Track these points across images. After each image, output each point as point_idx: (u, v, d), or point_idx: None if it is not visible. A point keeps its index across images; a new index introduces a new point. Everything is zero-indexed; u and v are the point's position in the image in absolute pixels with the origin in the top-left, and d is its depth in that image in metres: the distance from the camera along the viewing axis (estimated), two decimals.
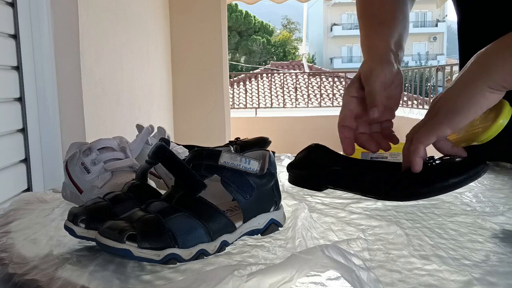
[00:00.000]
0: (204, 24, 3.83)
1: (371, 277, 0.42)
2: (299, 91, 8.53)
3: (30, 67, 1.54)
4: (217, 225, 0.52)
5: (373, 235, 0.58)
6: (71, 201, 0.75)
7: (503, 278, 0.45)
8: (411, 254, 0.51)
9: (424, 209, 0.69)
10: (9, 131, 1.44)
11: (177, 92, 3.82)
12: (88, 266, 0.49)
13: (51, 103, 1.59)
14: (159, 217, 0.50)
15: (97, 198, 0.59)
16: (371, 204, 0.72)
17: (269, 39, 27.77)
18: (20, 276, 0.47)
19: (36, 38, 1.54)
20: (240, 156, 0.54)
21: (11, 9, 1.47)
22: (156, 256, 0.48)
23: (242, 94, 10.11)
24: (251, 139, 1.11)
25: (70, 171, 0.74)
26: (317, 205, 0.72)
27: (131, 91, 2.50)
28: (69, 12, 1.66)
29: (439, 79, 5.72)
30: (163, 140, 0.60)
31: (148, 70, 2.97)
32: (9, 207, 0.75)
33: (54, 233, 0.61)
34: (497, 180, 0.88)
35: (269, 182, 0.58)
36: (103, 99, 1.98)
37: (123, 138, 0.78)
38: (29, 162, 1.54)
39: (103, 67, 2.00)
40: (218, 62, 3.89)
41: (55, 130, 1.60)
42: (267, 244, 0.55)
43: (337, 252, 0.44)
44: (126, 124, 2.29)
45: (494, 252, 0.52)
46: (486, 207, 0.70)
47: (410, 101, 6.76)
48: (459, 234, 0.58)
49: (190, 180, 0.53)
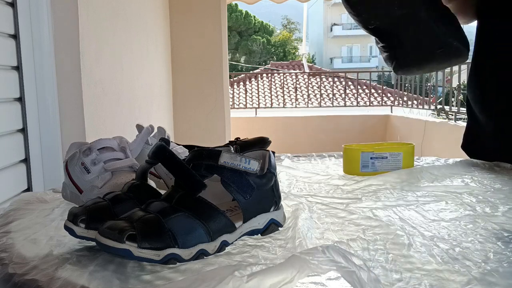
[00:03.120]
0: (204, 24, 3.83)
1: (371, 277, 0.42)
2: (299, 91, 8.52)
3: (30, 67, 1.53)
4: (217, 225, 0.52)
5: (373, 235, 0.58)
6: (71, 201, 0.75)
7: (503, 278, 0.45)
8: (411, 254, 0.51)
9: (424, 209, 0.69)
10: (9, 131, 1.44)
11: (177, 92, 3.81)
12: (88, 266, 0.49)
13: (51, 103, 1.59)
14: (159, 217, 0.50)
15: (97, 198, 0.59)
16: (371, 204, 0.72)
17: (269, 39, 27.76)
18: (20, 276, 0.47)
19: (36, 38, 1.54)
20: (240, 156, 0.54)
21: (11, 9, 1.47)
22: (156, 256, 0.48)
23: (242, 94, 10.11)
24: (251, 139, 1.11)
25: (70, 171, 0.74)
26: (317, 205, 0.72)
27: (131, 91, 2.50)
28: (69, 12, 1.66)
29: (439, 79, 5.72)
30: (163, 140, 0.60)
31: (148, 70, 2.97)
32: (9, 207, 0.75)
33: (54, 233, 0.61)
34: (497, 180, 0.87)
35: (269, 182, 0.58)
36: (103, 99, 1.97)
37: (123, 138, 0.78)
38: (29, 162, 1.54)
39: (103, 67, 2.00)
40: (218, 62, 3.89)
41: (55, 130, 1.60)
42: (267, 244, 0.55)
43: (337, 252, 0.44)
44: (126, 124, 2.29)
45: (494, 252, 0.52)
46: (486, 207, 0.70)
47: (410, 101, 6.75)
48: (459, 234, 0.58)
49: (190, 180, 0.53)
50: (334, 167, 1.05)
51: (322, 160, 1.13)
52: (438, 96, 5.96)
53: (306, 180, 0.92)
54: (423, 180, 0.88)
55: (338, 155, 1.16)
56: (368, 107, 7.67)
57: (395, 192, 0.80)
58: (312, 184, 0.88)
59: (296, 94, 8.06)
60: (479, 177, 0.90)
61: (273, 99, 8.78)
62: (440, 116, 5.34)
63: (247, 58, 26.89)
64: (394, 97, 7.52)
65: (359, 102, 8.04)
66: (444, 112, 5.22)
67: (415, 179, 0.88)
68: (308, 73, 10.78)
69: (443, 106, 5.34)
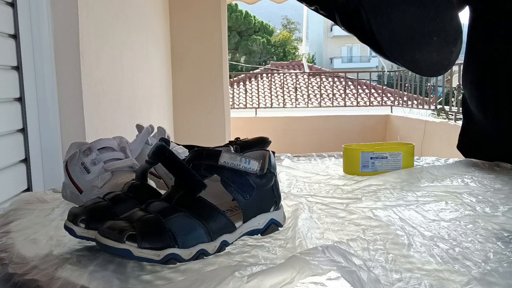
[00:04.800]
0: (204, 24, 3.83)
1: (371, 277, 0.42)
2: (299, 91, 8.52)
3: (30, 67, 1.53)
4: (217, 225, 0.52)
5: (373, 235, 0.58)
6: (71, 201, 0.75)
7: (503, 278, 0.45)
8: (411, 254, 0.51)
9: (424, 209, 0.69)
10: (9, 131, 1.44)
11: (177, 92, 3.81)
12: (88, 266, 0.49)
13: (51, 103, 1.59)
14: (159, 217, 0.50)
15: (97, 198, 0.59)
16: (371, 204, 0.72)
17: (269, 39, 27.75)
18: (20, 276, 0.47)
19: (36, 38, 1.54)
20: (240, 156, 0.54)
21: (11, 9, 1.47)
22: (156, 256, 0.48)
23: (242, 94, 10.11)
24: (251, 139, 1.11)
25: (70, 171, 0.74)
26: (317, 205, 0.72)
27: (131, 91, 2.50)
28: (69, 12, 1.66)
29: (439, 79, 5.72)
30: (163, 140, 0.60)
31: (148, 70, 2.97)
32: (9, 207, 0.75)
33: (54, 233, 0.61)
34: (497, 180, 0.87)
35: (269, 182, 0.58)
36: (103, 99, 1.97)
37: (123, 138, 0.78)
38: (29, 162, 1.54)
39: (103, 67, 2.00)
40: (218, 62, 3.89)
41: (55, 130, 1.60)
42: (267, 244, 0.55)
43: (337, 252, 0.45)
44: (126, 124, 2.29)
45: (494, 252, 0.52)
46: (486, 207, 0.70)
47: (410, 101, 6.75)
48: (459, 234, 0.58)
49: (190, 180, 0.53)
50: (334, 167, 1.05)
51: (322, 160, 1.13)
52: (438, 96, 5.96)
53: (306, 180, 0.92)
54: (423, 180, 0.88)
55: (338, 155, 1.16)
56: (368, 107, 7.67)
57: (395, 192, 0.80)
58: (312, 184, 0.88)
59: (296, 94, 8.06)
60: (479, 177, 0.90)
61: (273, 99, 8.77)
62: (440, 116, 5.34)
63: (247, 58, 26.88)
64: (394, 97, 7.52)
65: (359, 102, 8.04)
66: (444, 112, 5.22)
67: (415, 179, 0.88)
68: (308, 73, 10.78)
69: (443, 106, 5.35)
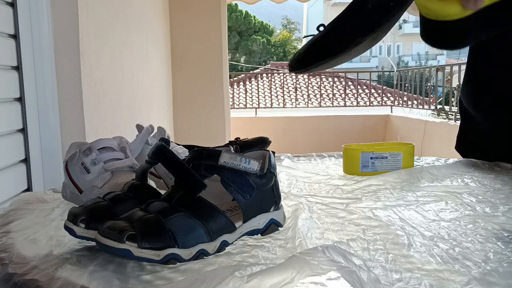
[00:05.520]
0: (204, 24, 3.83)
1: (371, 277, 0.42)
2: (299, 91, 8.52)
3: (30, 67, 1.53)
4: (217, 225, 0.52)
5: (373, 235, 0.58)
6: (71, 201, 0.75)
7: (503, 278, 0.45)
8: (411, 254, 0.51)
9: (424, 209, 0.69)
10: (9, 131, 1.44)
11: (177, 92, 3.81)
12: (88, 266, 0.49)
13: (51, 103, 1.59)
14: (159, 217, 0.50)
15: (97, 198, 0.59)
16: (371, 204, 0.72)
17: (269, 39, 27.74)
18: (20, 276, 0.47)
19: (36, 38, 1.54)
20: (240, 156, 0.54)
21: (11, 9, 1.47)
22: (156, 256, 0.48)
23: (242, 94, 10.11)
24: (251, 139, 1.11)
25: (70, 171, 0.74)
26: (317, 205, 0.72)
27: (131, 91, 2.50)
28: (69, 12, 1.66)
29: (439, 79, 5.72)
30: (163, 140, 0.60)
31: (148, 70, 2.97)
32: (9, 207, 0.75)
33: (54, 233, 0.61)
34: (497, 180, 0.87)
35: (269, 182, 0.58)
36: (103, 99, 1.97)
37: (123, 138, 0.78)
38: (29, 162, 1.54)
39: (103, 67, 2.00)
40: (218, 62, 3.89)
41: (55, 130, 1.60)
42: (267, 244, 0.55)
43: (337, 252, 0.44)
44: (126, 124, 2.29)
45: (494, 252, 0.52)
46: (486, 207, 0.70)
47: (410, 101, 6.76)
48: (459, 234, 0.58)
49: (190, 180, 0.53)
50: (334, 167, 1.05)
51: (322, 160, 1.13)
52: (438, 96, 5.96)
53: (306, 180, 0.92)
54: (423, 180, 0.88)
55: (338, 155, 1.16)
56: (368, 107, 7.68)
57: (395, 192, 0.80)
58: (312, 184, 0.88)
59: (296, 94, 8.06)
60: (479, 177, 0.90)
61: (273, 99, 8.77)
62: (440, 116, 5.34)
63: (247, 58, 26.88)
64: (394, 97, 7.53)
65: (359, 102, 8.04)
66: (444, 112, 5.22)
67: (415, 179, 0.88)
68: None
69: (443, 106, 5.35)
